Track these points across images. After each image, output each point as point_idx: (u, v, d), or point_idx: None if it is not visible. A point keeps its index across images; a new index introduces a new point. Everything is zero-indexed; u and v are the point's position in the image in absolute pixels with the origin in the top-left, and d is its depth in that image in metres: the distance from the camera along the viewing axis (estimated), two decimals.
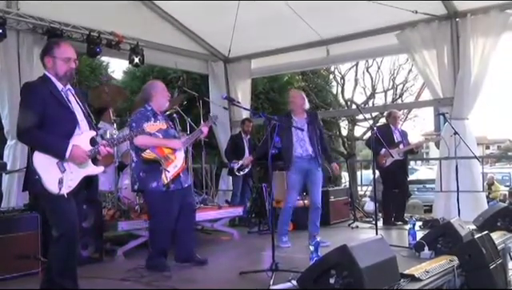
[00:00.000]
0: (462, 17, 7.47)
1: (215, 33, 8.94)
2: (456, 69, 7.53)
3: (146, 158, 4.50)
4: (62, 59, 3.48)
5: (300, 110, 5.88)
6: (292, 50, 9.12)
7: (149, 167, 4.51)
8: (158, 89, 4.74)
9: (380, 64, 17.68)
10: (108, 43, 7.42)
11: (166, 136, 4.65)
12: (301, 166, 5.77)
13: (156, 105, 4.70)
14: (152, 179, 4.49)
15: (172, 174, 4.50)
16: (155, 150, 4.52)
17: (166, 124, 4.72)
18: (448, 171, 7.45)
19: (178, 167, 4.57)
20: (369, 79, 18.00)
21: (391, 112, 8.02)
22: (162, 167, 4.47)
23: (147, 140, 4.47)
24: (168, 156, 4.54)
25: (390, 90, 18.31)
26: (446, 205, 7.39)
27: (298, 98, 5.94)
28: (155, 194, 4.50)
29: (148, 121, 4.37)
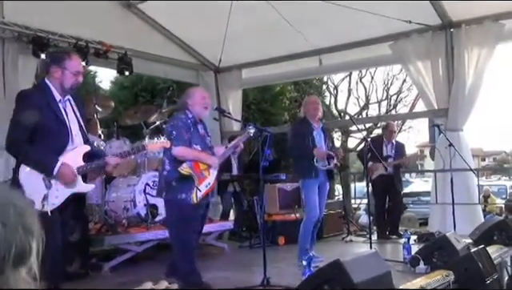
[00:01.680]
0: (456, 27, 7.56)
1: (205, 42, 8.97)
2: (451, 80, 7.59)
3: (184, 173, 4.35)
4: (72, 72, 3.46)
5: (318, 118, 5.87)
6: (284, 59, 9.16)
7: (183, 179, 4.38)
8: (196, 98, 4.56)
9: (373, 74, 17.89)
10: (96, 52, 7.41)
11: (204, 148, 4.52)
12: (319, 177, 5.73)
13: (195, 113, 4.54)
14: (182, 191, 4.35)
15: (203, 193, 4.40)
16: (192, 164, 4.37)
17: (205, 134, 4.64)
18: (443, 183, 7.48)
19: (210, 185, 4.44)
20: (362, 90, 18.17)
21: (388, 125, 8.07)
22: (195, 184, 4.35)
23: (187, 152, 4.34)
24: (203, 173, 4.41)
25: (384, 101, 18.48)
26: (442, 218, 7.42)
27: (319, 105, 5.94)
28: (181, 206, 4.36)
29: (189, 130, 4.36)
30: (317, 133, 5.78)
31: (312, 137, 5.70)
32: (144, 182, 6.40)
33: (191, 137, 4.41)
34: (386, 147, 7.87)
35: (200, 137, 4.52)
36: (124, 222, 6.05)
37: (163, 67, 8.95)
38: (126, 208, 6.18)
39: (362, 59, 8.71)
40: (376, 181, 7.62)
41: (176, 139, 4.32)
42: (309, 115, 5.83)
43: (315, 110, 5.81)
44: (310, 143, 5.65)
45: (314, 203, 5.65)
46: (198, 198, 4.33)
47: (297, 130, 5.91)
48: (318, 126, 5.82)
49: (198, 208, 4.41)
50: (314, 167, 5.62)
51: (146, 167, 6.74)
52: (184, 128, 4.39)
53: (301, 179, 5.86)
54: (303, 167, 5.71)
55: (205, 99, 4.59)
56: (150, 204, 6.25)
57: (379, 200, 7.82)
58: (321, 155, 5.63)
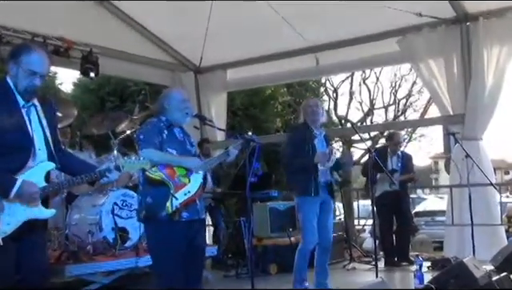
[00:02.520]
0: (473, 20, 7.63)
1: (184, 38, 8.98)
2: (467, 81, 7.64)
3: (152, 178, 4.30)
4: (25, 71, 3.30)
5: (318, 123, 5.85)
6: (275, 58, 9.20)
7: (157, 190, 4.28)
8: (174, 102, 4.53)
9: (379, 75, 18.03)
10: (55, 50, 7.39)
11: (182, 152, 4.47)
12: (320, 195, 5.68)
13: (171, 117, 4.50)
14: (161, 207, 4.25)
15: (181, 203, 4.34)
16: (164, 169, 4.29)
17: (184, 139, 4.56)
18: (460, 200, 7.51)
19: (192, 193, 4.35)
20: (366, 93, 18.38)
21: (394, 135, 8.11)
22: (170, 191, 4.25)
23: (156, 155, 4.25)
24: (180, 179, 4.32)
25: (391, 106, 18.61)
26: (459, 241, 7.44)
27: (321, 109, 5.93)
28: (163, 225, 4.27)
29: (161, 134, 4.32)
30: (318, 141, 5.76)
31: (312, 145, 5.67)
32: (112, 201, 6.35)
33: (164, 141, 4.37)
34: (391, 160, 7.90)
35: (178, 142, 4.45)
36: (88, 248, 5.99)
37: (134, 67, 8.95)
38: (90, 232, 6.12)
39: (365, 58, 8.76)
40: (380, 199, 7.64)
41: (143, 143, 4.30)
42: (309, 120, 5.81)
43: (316, 115, 5.80)
44: (310, 153, 5.61)
45: (312, 226, 5.60)
46: (174, 207, 4.22)
47: (294, 137, 5.87)
48: (319, 134, 5.81)
49: (179, 224, 4.31)
50: (314, 182, 5.58)
51: (114, 182, 6.69)
52: (154, 131, 4.35)
53: (296, 196, 5.82)
54: (300, 181, 5.67)
55: (185, 103, 4.56)
56: (119, 227, 6.21)
57: (385, 221, 7.84)
58: (321, 157, 5.57)
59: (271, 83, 12.35)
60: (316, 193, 5.58)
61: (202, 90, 9.84)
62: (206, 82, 9.84)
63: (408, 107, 18.79)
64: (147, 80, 9.69)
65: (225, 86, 9.87)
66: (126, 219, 6.37)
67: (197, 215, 4.40)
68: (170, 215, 4.20)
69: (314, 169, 5.59)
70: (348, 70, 12.71)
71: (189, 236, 4.35)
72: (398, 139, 8.07)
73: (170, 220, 4.23)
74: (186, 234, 4.31)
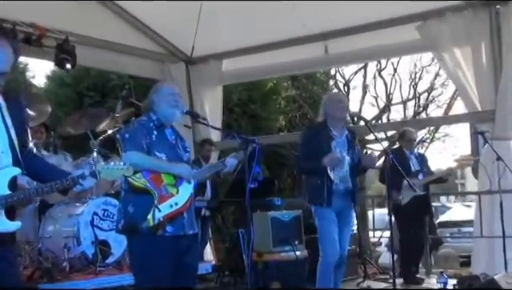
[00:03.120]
0: (504, 2, 7.61)
1: (174, 25, 8.98)
2: (498, 72, 7.63)
3: (135, 185, 4.30)
4: None
5: (341, 123, 5.86)
6: (278, 46, 9.19)
7: (141, 199, 4.30)
8: (162, 95, 4.58)
9: (397, 66, 17.92)
10: (26, 38, 7.39)
11: (173, 158, 4.49)
12: (336, 201, 5.71)
13: (162, 114, 4.54)
14: (143, 217, 4.26)
15: (165, 215, 4.34)
16: (149, 176, 4.31)
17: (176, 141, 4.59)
18: (490, 209, 7.50)
19: (180, 205, 4.36)
20: (382, 86, 18.22)
21: (405, 132, 8.17)
22: (154, 201, 4.26)
23: (140, 158, 4.26)
24: (166, 188, 4.33)
25: (411, 101, 18.53)
26: (489, 255, 7.43)
27: (346, 106, 5.94)
28: (145, 239, 4.28)
29: (149, 135, 4.34)
30: (337, 144, 5.78)
31: (328, 148, 5.70)
32: (91, 211, 6.37)
33: (153, 144, 4.38)
34: (412, 160, 7.93)
35: (168, 145, 4.48)
36: (65, 265, 6.00)
37: (117, 58, 8.93)
38: (66, 247, 6.13)
39: (380, 46, 8.74)
40: (407, 206, 7.64)
41: (127, 143, 4.30)
42: (331, 119, 5.82)
43: (339, 113, 5.80)
44: (324, 153, 5.64)
45: (332, 237, 5.65)
46: (157, 220, 4.22)
47: (308, 137, 5.92)
48: (339, 135, 5.82)
49: (164, 239, 4.31)
50: (328, 189, 5.63)
51: (94, 190, 6.70)
52: (141, 131, 4.36)
53: (311, 204, 5.88)
54: (314, 187, 5.74)
55: (174, 96, 4.60)
56: (100, 241, 6.22)
57: (407, 233, 7.83)
58: (329, 157, 5.58)
59: (273, 75, 12.32)
60: (328, 203, 5.63)
61: (195, 83, 9.84)
62: (198, 75, 9.83)
63: (430, 103, 18.71)
64: (131, 73, 9.67)
65: (220, 78, 9.86)
66: (107, 232, 6.39)
67: (182, 230, 4.39)
68: (151, 228, 4.22)
69: (325, 174, 5.61)
70: (361, 60, 12.67)
71: (176, 254, 4.35)
72: (410, 137, 8.11)
73: (153, 234, 4.25)
74: (171, 251, 4.32)
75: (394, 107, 18.53)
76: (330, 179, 5.63)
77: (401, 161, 7.51)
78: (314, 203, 5.77)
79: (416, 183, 7.50)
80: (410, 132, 8.15)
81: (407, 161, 7.82)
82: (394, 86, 18.25)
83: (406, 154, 7.93)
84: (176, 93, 4.66)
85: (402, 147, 8.10)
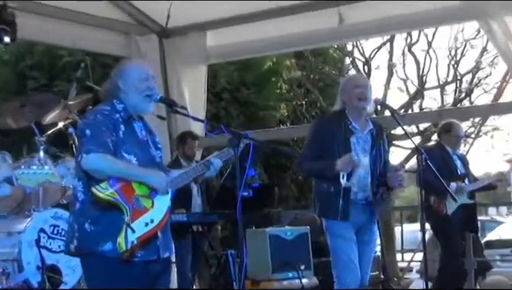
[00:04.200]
0: None
1: None
2: None
3: (99, 196, 4.26)
4: None
5: (362, 113, 5.85)
6: (278, 15, 9.19)
7: (106, 215, 4.28)
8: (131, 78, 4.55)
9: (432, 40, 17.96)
10: None
11: (145, 160, 4.50)
12: (354, 214, 5.70)
13: (129, 104, 4.53)
14: (105, 237, 4.24)
15: (141, 236, 4.31)
16: (117, 185, 4.28)
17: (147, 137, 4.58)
18: None
19: (156, 223, 4.35)
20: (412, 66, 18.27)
21: (452, 125, 8.11)
22: (125, 219, 4.23)
23: (106, 162, 4.26)
24: (139, 201, 4.32)
25: (450, 85, 18.57)
26: None
27: (370, 92, 5.89)
28: (107, 264, 4.28)
29: (116, 130, 4.33)
30: (359, 139, 5.77)
31: (346, 145, 5.68)
32: (37, 227, 6.35)
33: (120, 141, 4.36)
34: (456, 162, 7.92)
35: (138, 143, 4.48)
36: None
37: (69, 30, 8.92)
38: (5, 273, 6.10)
39: (411, 14, 8.75)
40: (453, 218, 7.64)
41: (90, 143, 4.27)
42: (350, 107, 5.81)
43: (362, 100, 5.77)
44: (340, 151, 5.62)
45: (350, 260, 5.65)
46: (130, 244, 4.21)
47: (321, 129, 5.90)
48: (361, 129, 5.81)
49: (130, 265, 4.30)
50: (344, 198, 5.61)
51: (40, 200, 6.68)
52: (106, 125, 4.33)
53: (322, 217, 5.88)
54: (325, 196, 5.74)
55: (148, 81, 4.59)
56: (48, 266, 6.20)
57: (451, 251, 7.83)
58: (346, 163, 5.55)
59: (272, 52, 12.30)
60: (344, 216, 5.62)
61: (171, 62, 9.83)
62: (175, 51, 9.83)
63: (475, 87, 18.75)
64: (88, 48, 9.64)
65: (204, 56, 9.85)
66: (57, 254, 6.37)
67: (155, 253, 4.41)
68: (121, 253, 4.20)
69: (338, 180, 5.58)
70: (386, 31, 12.63)
71: (145, 283, 4.39)
72: (458, 132, 8.06)
73: (115, 259, 4.24)
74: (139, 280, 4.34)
75: (428, 93, 18.60)
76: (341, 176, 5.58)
77: (443, 162, 7.53)
78: (325, 216, 5.76)
79: (463, 188, 7.53)
80: (457, 126, 8.10)
81: (451, 162, 7.83)
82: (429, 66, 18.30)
83: (449, 153, 7.90)
84: (150, 76, 4.64)
85: (443, 144, 8.06)
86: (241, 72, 13.83)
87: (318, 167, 5.71)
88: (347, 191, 5.60)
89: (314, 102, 16.95)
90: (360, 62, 17.99)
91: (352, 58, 18.11)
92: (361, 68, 17.78)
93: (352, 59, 18.13)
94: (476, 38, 17.86)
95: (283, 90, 16.03)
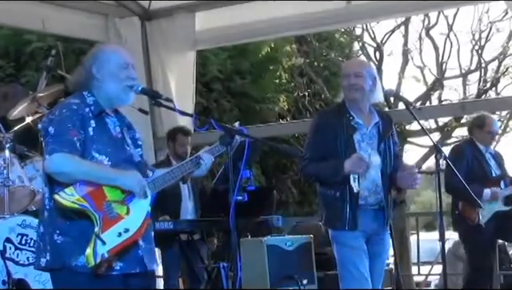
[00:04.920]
0: None
1: None
2: None
3: (64, 204, 4.21)
4: None
5: (366, 105, 5.84)
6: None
7: (73, 224, 4.25)
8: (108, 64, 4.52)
9: (453, 22, 17.98)
10: None
11: (119, 159, 4.46)
12: (364, 222, 5.72)
13: (104, 96, 4.51)
14: (77, 250, 4.21)
15: (111, 249, 4.29)
16: (85, 189, 4.23)
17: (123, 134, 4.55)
18: None
19: (132, 232, 4.31)
20: (430, 52, 18.27)
21: (485, 119, 8.09)
22: (94, 229, 4.17)
23: (73, 164, 4.22)
24: (111, 207, 4.28)
25: (474, 74, 18.57)
26: None
27: (369, 77, 5.83)
28: (80, 280, 4.26)
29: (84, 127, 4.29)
30: (363, 136, 5.77)
31: (349, 143, 5.69)
32: (2, 236, 6.36)
33: (89, 139, 4.36)
34: (490, 161, 7.90)
35: (111, 141, 4.46)
36: None
37: (39, 11, 8.93)
38: None
39: None
40: (486, 228, 7.65)
41: (53, 142, 4.25)
42: (347, 99, 5.83)
43: (356, 88, 5.75)
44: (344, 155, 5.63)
45: (359, 273, 5.65)
46: (99, 257, 4.17)
47: (321, 125, 5.89)
48: (365, 124, 5.81)
49: (108, 279, 4.29)
50: (351, 205, 5.62)
51: (6, 205, 6.71)
52: (72, 121, 4.29)
53: (328, 227, 5.89)
54: (330, 202, 5.75)
55: (128, 69, 4.58)
56: (15, 280, 6.22)
57: (481, 266, 7.83)
58: (355, 164, 5.57)
59: (270, 36, 12.30)
60: (352, 225, 5.63)
61: (154, 47, 9.87)
62: (160, 35, 9.85)
63: (502, 76, 18.76)
64: (60, 32, 9.65)
65: (192, 40, 9.88)
66: (25, 267, 6.39)
67: (137, 265, 4.41)
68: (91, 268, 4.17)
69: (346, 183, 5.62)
70: (400, 12, 12.67)
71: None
72: (491, 127, 8.02)
73: (92, 274, 4.21)
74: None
75: (448, 83, 18.59)
76: (352, 191, 5.61)
77: (477, 162, 7.54)
78: (331, 225, 5.77)
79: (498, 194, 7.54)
80: (491, 120, 8.07)
81: (485, 162, 7.81)
82: (449, 52, 18.31)
83: (482, 151, 7.89)
84: (130, 64, 4.64)
85: (474, 140, 8.04)
86: (234, 59, 13.85)
87: (324, 170, 5.70)
88: (355, 195, 5.60)
89: (318, 94, 16.97)
90: (371, 47, 18.01)
91: (361, 44, 18.13)
92: (371, 54, 17.79)
93: (361, 44, 18.15)
94: (503, 19, 17.90)
95: (283, 80, 16.06)
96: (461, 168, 7.07)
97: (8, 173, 6.53)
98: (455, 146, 8.64)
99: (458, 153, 7.71)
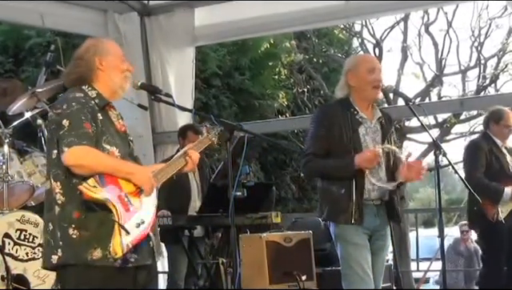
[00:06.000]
0: None
1: None
2: None
3: (91, 197, 4.21)
4: None
5: (371, 101, 5.80)
6: None
7: (89, 216, 4.25)
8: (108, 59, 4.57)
9: (452, 18, 17.97)
10: None
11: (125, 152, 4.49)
12: (367, 218, 5.68)
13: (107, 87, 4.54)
14: (94, 243, 4.22)
15: (134, 240, 4.27)
16: (105, 181, 4.25)
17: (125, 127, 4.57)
18: None
19: (146, 225, 4.31)
20: (430, 49, 18.26)
21: (501, 113, 8.05)
22: (116, 219, 4.17)
23: (93, 156, 4.24)
24: (129, 199, 4.30)
25: (473, 70, 18.56)
26: None
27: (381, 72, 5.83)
28: (97, 274, 4.28)
29: (94, 119, 4.30)
30: (368, 129, 5.73)
31: (354, 136, 5.64)
32: (1, 231, 6.36)
33: (99, 131, 4.36)
34: (507, 157, 7.84)
35: (117, 133, 4.50)
36: None
37: (37, 6, 8.92)
38: None
39: None
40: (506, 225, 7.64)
41: (69, 134, 4.23)
42: (362, 95, 5.75)
43: (377, 87, 5.73)
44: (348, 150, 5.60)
45: (363, 271, 5.63)
46: (125, 246, 4.18)
47: (322, 121, 5.81)
48: (369, 119, 5.77)
49: (122, 272, 4.31)
50: (357, 200, 5.59)
51: (5, 201, 6.70)
52: (84, 114, 4.29)
53: (330, 221, 5.83)
54: (335, 198, 5.69)
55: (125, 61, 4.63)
56: (14, 276, 6.22)
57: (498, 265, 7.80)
58: (367, 157, 5.47)
59: (269, 32, 12.29)
60: (358, 219, 5.59)
61: (153, 43, 9.85)
62: (159, 31, 9.84)
63: (501, 72, 18.75)
64: (59, 28, 9.63)
65: (191, 36, 9.87)
66: (25, 262, 6.38)
67: (149, 257, 4.44)
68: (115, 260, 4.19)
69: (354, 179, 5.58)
70: (399, 9, 12.68)
71: None
72: (510, 121, 7.97)
73: (106, 267, 4.23)
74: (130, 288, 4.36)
75: (447, 79, 18.58)
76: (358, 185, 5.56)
77: (494, 157, 7.53)
78: (335, 220, 5.69)
79: None
80: (508, 114, 8.03)
81: (502, 156, 7.76)
82: (449, 49, 18.31)
83: (498, 145, 7.84)
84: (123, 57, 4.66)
85: (490, 135, 7.99)
86: (233, 55, 13.84)
87: (332, 166, 5.63)
88: (360, 190, 5.56)
89: (317, 90, 16.99)
90: (370, 44, 18.03)
91: (361, 40, 18.13)
92: (371, 51, 17.79)
93: (361, 41, 18.15)
94: (502, 16, 17.89)
95: (282, 76, 16.07)
96: (480, 164, 7.10)
97: (7, 168, 6.53)
98: (471, 141, 8.59)
99: (476, 148, 7.70)
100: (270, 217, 8.00)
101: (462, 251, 13.52)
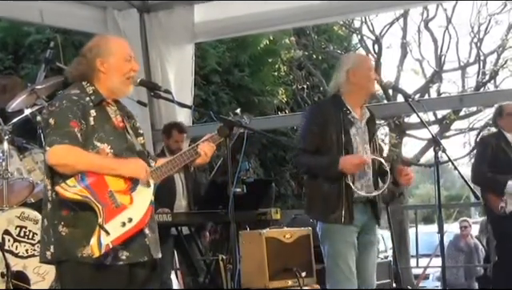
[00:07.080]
0: None
1: None
2: None
3: (66, 196, 4.21)
4: None
5: (363, 98, 5.85)
6: None
7: (76, 214, 4.26)
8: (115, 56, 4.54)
9: (452, 14, 17.95)
10: None
11: (120, 149, 4.44)
12: (356, 216, 5.68)
13: (106, 87, 4.50)
14: (83, 240, 4.22)
15: (116, 238, 4.26)
16: (87, 180, 4.23)
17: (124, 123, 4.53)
18: None
19: (134, 222, 4.28)
20: (429, 45, 18.25)
21: (500, 106, 8.10)
22: (99, 220, 4.15)
23: (74, 155, 4.22)
24: (114, 197, 4.27)
25: (472, 66, 18.55)
26: None
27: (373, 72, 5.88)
28: (87, 271, 4.28)
29: (85, 117, 4.28)
30: (358, 130, 5.76)
31: (345, 137, 5.66)
32: (1, 229, 6.35)
33: (90, 129, 4.35)
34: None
35: (113, 129, 4.46)
36: None
37: (37, 3, 8.91)
38: None
39: None
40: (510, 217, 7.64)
41: (52, 133, 4.24)
42: (353, 92, 5.75)
43: (369, 81, 5.79)
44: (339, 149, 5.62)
45: (348, 270, 5.64)
46: (104, 247, 4.16)
47: (318, 115, 5.85)
48: (360, 119, 5.79)
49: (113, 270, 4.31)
50: (345, 201, 5.59)
51: (4, 197, 6.70)
52: (72, 112, 4.28)
53: (319, 220, 5.85)
54: (323, 196, 5.70)
55: (131, 61, 4.59)
56: (14, 273, 6.21)
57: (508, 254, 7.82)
58: (354, 163, 5.51)
59: (269, 29, 12.25)
60: (348, 219, 5.59)
61: (153, 40, 9.84)
62: (158, 28, 9.83)
63: (500, 68, 18.73)
64: (59, 24, 9.63)
65: (191, 33, 9.86)
66: (25, 259, 6.38)
67: (144, 254, 4.42)
68: (95, 259, 4.18)
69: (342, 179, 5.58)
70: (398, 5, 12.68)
71: None
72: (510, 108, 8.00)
73: (98, 264, 4.23)
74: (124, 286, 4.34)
75: (447, 75, 18.58)
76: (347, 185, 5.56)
77: (501, 150, 7.54)
78: (325, 219, 5.70)
79: None
80: (508, 104, 8.05)
81: (510, 150, 7.78)
82: (448, 45, 18.30)
83: (508, 139, 7.84)
84: (132, 56, 4.63)
85: (502, 132, 8.01)
86: (233, 52, 13.83)
87: (317, 164, 5.65)
88: (350, 189, 5.56)
89: (317, 86, 16.98)
90: (369, 40, 18.01)
91: (360, 36, 18.14)
92: (370, 47, 17.80)
93: (360, 37, 18.16)
94: (501, 12, 17.88)
95: (281, 73, 16.06)
96: (485, 158, 7.13)
97: (7, 165, 6.52)
98: (480, 137, 8.65)
99: (482, 144, 7.76)
100: (270, 213, 8.02)
101: (462, 247, 13.52)
